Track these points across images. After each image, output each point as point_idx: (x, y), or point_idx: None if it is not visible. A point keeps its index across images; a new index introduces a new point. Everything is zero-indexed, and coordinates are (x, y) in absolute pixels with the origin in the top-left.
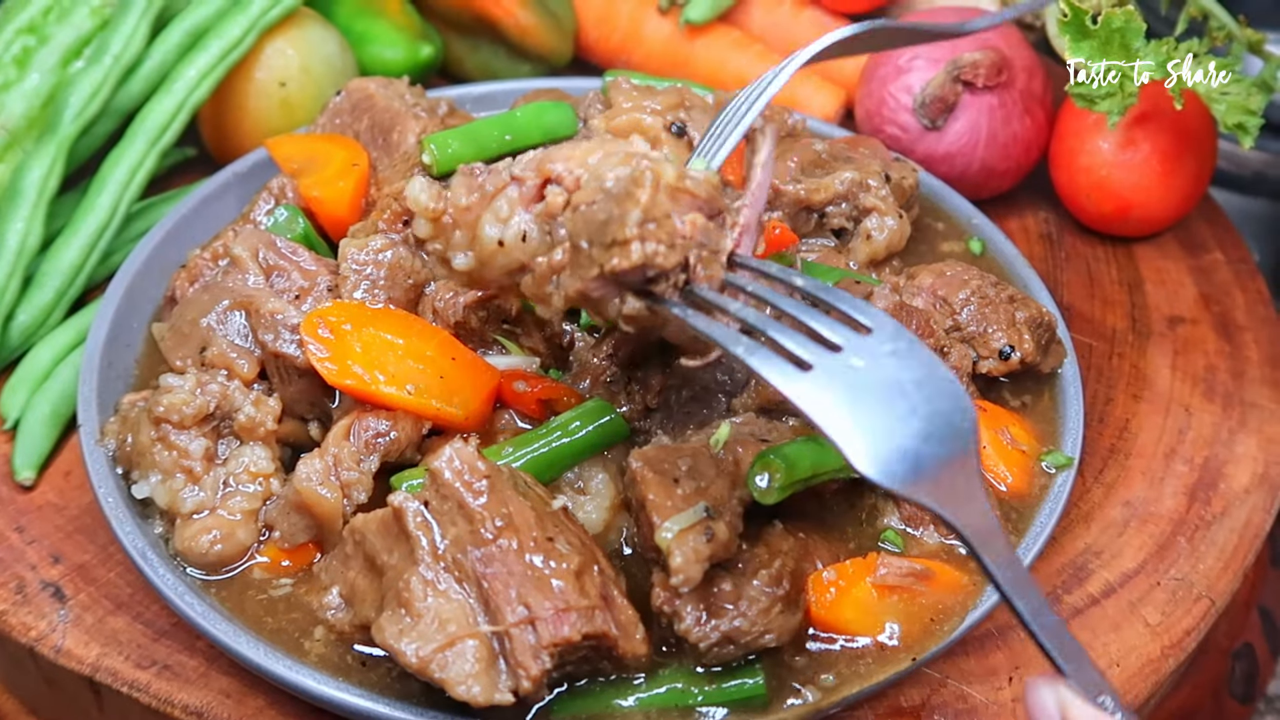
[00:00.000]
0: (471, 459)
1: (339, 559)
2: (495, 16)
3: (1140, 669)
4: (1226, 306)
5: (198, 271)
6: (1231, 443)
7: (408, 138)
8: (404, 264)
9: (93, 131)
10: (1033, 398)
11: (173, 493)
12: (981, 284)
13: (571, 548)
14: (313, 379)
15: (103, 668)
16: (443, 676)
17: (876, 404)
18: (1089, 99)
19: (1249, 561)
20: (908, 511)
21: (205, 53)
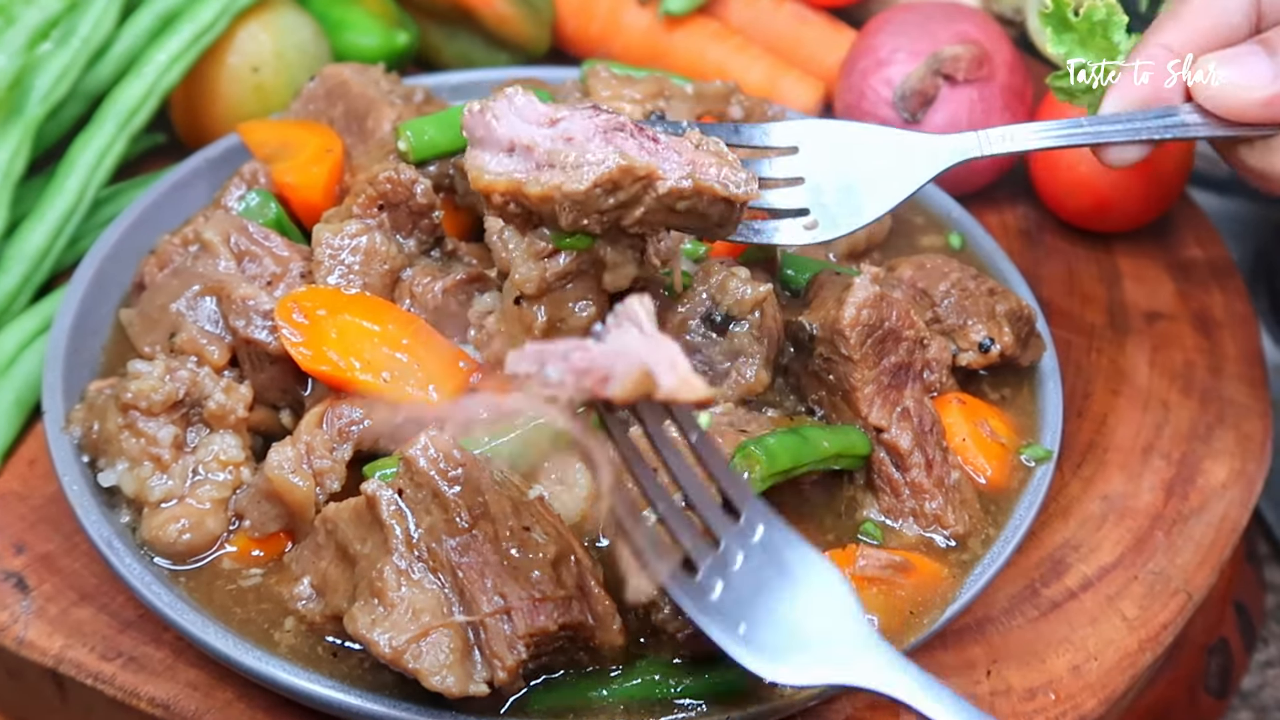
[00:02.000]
0: (447, 447)
1: (310, 549)
2: (473, 5)
3: (1117, 662)
4: (1204, 303)
5: (167, 257)
6: (1209, 438)
7: (383, 124)
8: (379, 250)
9: (60, 115)
10: (1012, 391)
11: (140, 481)
12: (962, 276)
13: (548, 537)
14: (284, 366)
15: (66, 659)
16: (416, 667)
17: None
18: (1069, 92)
19: (1225, 556)
20: (887, 504)
21: (176, 36)
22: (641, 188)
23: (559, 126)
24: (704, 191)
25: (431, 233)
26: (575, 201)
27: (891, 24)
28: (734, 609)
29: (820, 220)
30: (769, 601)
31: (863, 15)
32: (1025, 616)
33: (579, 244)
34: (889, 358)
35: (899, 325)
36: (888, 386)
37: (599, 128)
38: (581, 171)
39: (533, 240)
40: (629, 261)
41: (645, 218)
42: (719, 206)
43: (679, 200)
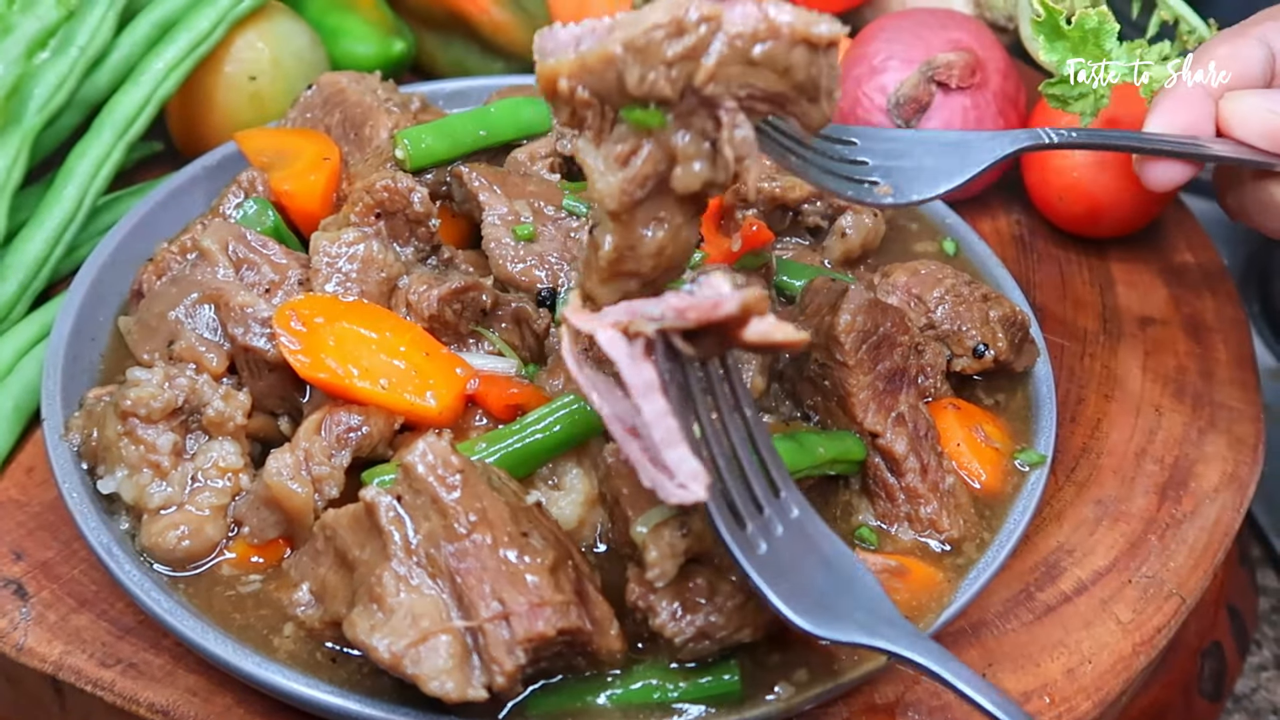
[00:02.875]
0: (445, 453)
1: (309, 555)
2: (468, 13)
3: (1112, 666)
4: (1196, 308)
5: (165, 265)
6: (1201, 442)
7: (380, 132)
8: (376, 258)
9: (58, 123)
10: (1006, 396)
11: (140, 488)
12: (956, 282)
13: (546, 543)
14: (283, 373)
15: (66, 666)
16: (415, 672)
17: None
18: (1062, 100)
19: (1219, 560)
20: (882, 509)
21: (174, 45)
22: (709, 30)
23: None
24: (778, 33)
25: (428, 240)
26: (637, 50)
27: (885, 31)
28: (775, 569)
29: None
30: (805, 572)
31: (857, 22)
32: (1020, 620)
33: (651, 119)
34: (884, 363)
35: (893, 331)
36: (883, 392)
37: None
38: (640, 16)
39: (608, 148)
40: (701, 155)
41: (719, 71)
42: (802, 56)
43: (754, 44)
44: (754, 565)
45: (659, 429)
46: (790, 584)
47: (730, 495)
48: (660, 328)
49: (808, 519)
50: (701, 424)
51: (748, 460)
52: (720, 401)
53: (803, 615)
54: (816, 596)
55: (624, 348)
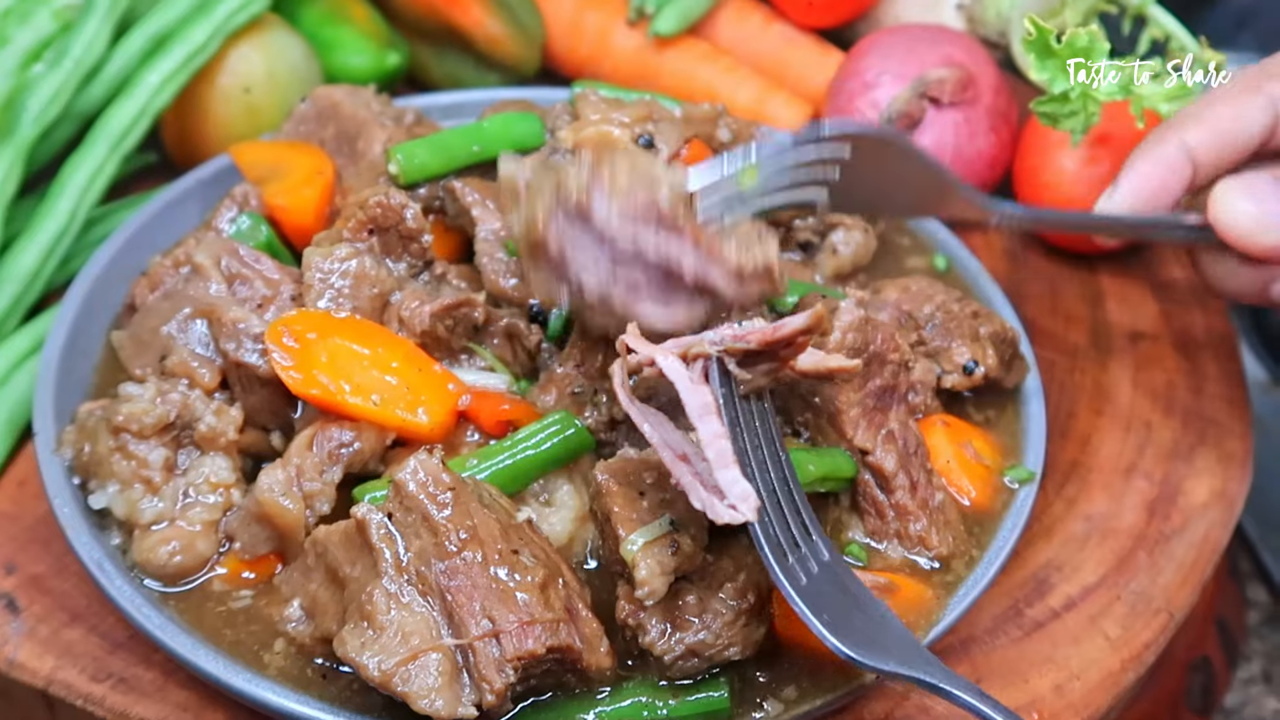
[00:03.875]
0: (436, 471)
1: (300, 571)
2: (463, 26)
3: (1100, 681)
4: (1186, 323)
5: (159, 279)
6: (1191, 458)
7: (374, 146)
8: (369, 273)
9: (53, 135)
10: (996, 412)
11: (131, 503)
12: (946, 299)
13: (536, 560)
14: (275, 388)
15: (57, 680)
16: (405, 690)
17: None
18: (1053, 117)
19: (1207, 575)
20: (871, 525)
21: (168, 57)
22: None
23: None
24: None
25: (421, 256)
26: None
27: (878, 46)
28: (816, 601)
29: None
30: (842, 608)
31: (850, 37)
32: (1009, 636)
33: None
34: (874, 380)
35: (884, 348)
36: (873, 409)
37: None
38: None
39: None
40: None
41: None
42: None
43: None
44: (799, 592)
45: (713, 449)
46: (831, 616)
47: (772, 527)
48: (722, 350)
49: (837, 562)
50: (748, 455)
51: (784, 498)
52: (762, 439)
53: (847, 644)
54: (855, 629)
55: (683, 371)
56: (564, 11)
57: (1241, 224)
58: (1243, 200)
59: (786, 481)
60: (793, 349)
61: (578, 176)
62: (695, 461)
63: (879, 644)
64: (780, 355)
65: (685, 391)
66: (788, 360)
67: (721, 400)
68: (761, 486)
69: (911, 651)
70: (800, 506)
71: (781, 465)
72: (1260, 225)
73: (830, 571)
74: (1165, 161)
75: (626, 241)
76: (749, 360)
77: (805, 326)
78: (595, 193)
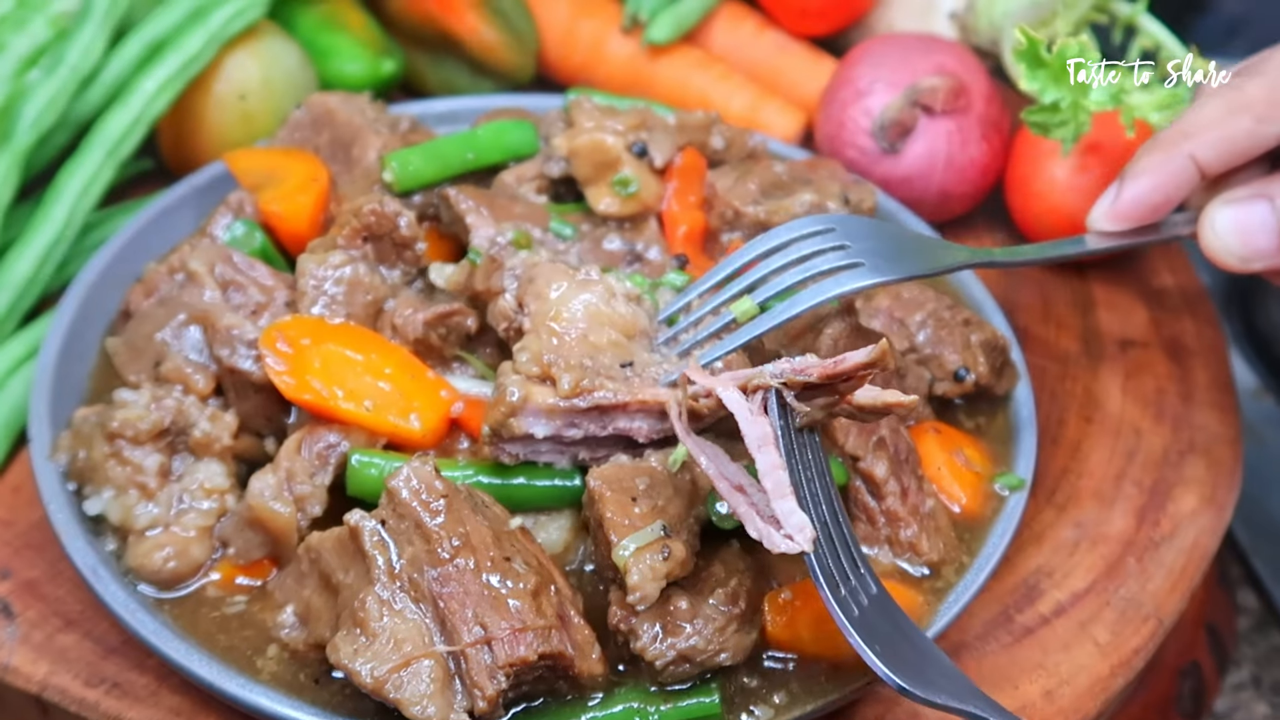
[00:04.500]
0: (429, 478)
1: (294, 577)
2: (458, 33)
3: (1090, 687)
4: (1176, 331)
5: (154, 285)
6: (1180, 465)
7: (368, 153)
8: (363, 280)
9: (49, 142)
10: (987, 419)
11: (126, 509)
12: (937, 307)
13: (529, 567)
14: (269, 394)
15: (51, 685)
16: (398, 697)
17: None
18: (1043, 127)
19: (1196, 582)
20: (863, 531)
21: (164, 64)
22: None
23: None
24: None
25: (414, 264)
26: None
27: (871, 55)
28: (868, 631)
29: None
30: (892, 640)
31: (843, 44)
32: (999, 642)
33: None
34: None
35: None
36: None
37: None
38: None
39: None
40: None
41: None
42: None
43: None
44: (853, 624)
45: (771, 479)
46: (882, 648)
47: (826, 558)
48: (782, 382)
49: (884, 595)
50: (802, 487)
51: (835, 530)
52: (815, 472)
53: (900, 675)
54: (906, 661)
55: (743, 402)
56: (558, 19)
57: (1231, 259)
58: (1233, 236)
59: (837, 515)
60: (852, 383)
61: (501, 404)
62: (751, 492)
63: (928, 676)
64: (839, 389)
65: (745, 422)
66: (846, 394)
67: (779, 432)
68: (814, 518)
69: (960, 684)
70: (849, 539)
71: (832, 499)
72: (1247, 258)
73: (880, 604)
74: (1173, 176)
75: (574, 435)
76: (807, 393)
77: (867, 361)
78: (524, 418)
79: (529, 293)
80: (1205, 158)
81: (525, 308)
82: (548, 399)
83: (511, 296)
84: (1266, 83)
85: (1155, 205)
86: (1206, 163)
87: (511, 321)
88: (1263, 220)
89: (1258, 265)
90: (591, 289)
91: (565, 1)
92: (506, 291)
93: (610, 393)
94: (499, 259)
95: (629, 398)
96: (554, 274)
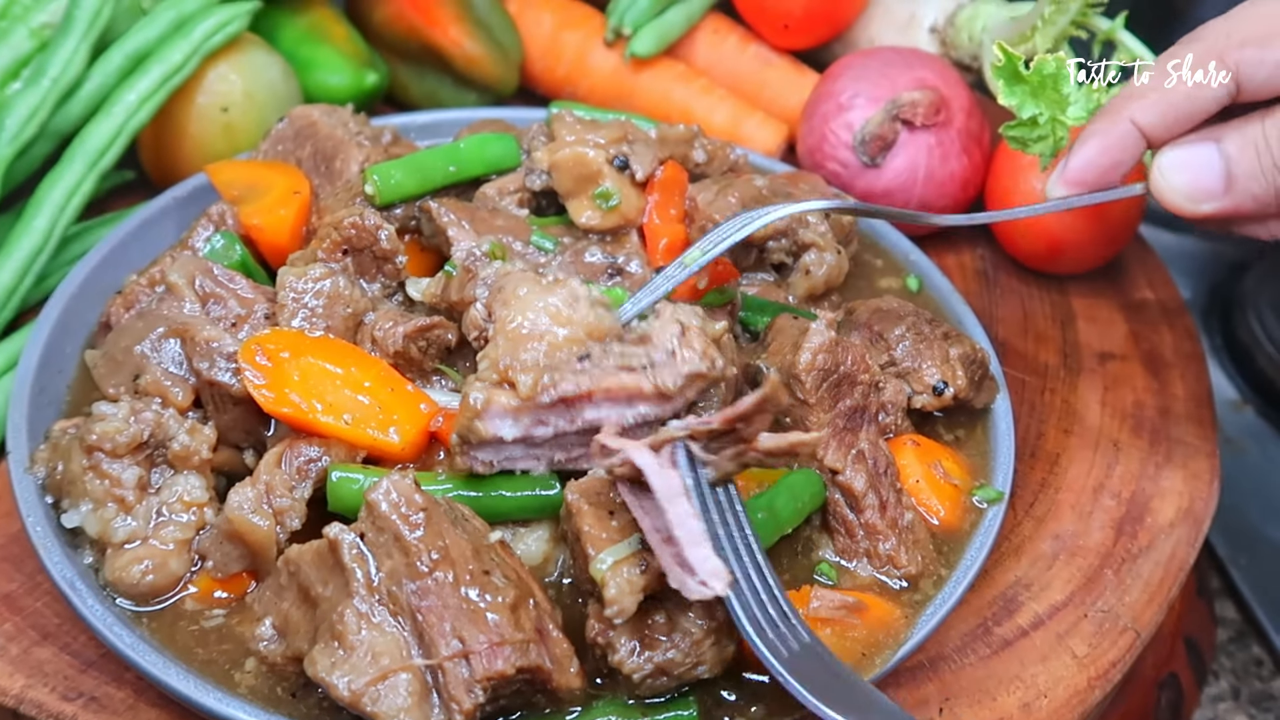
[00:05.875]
0: (409, 491)
1: (273, 590)
2: (441, 46)
3: (1067, 700)
4: (1155, 343)
5: (134, 298)
6: (1158, 477)
7: (350, 166)
8: (343, 294)
9: (30, 153)
10: (966, 432)
11: (104, 522)
12: (917, 320)
13: (508, 581)
14: (248, 407)
15: (27, 699)
16: (375, 710)
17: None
18: (1022, 141)
19: (1173, 594)
20: (841, 544)
21: (146, 76)
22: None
23: None
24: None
25: (394, 277)
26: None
27: (852, 69)
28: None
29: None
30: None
31: (826, 59)
32: (977, 654)
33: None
34: (844, 401)
35: (854, 369)
36: (843, 429)
37: None
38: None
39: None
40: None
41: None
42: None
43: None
44: (783, 665)
45: (683, 529)
46: (816, 686)
47: (751, 605)
48: (687, 434)
49: (817, 644)
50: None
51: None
52: (734, 525)
53: (837, 710)
54: (842, 699)
55: (652, 460)
56: (542, 32)
57: (1178, 198)
58: (1179, 175)
59: (760, 567)
60: (754, 425)
61: (465, 410)
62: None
63: (870, 713)
64: (743, 435)
65: (654, 477)
66: (751, 440)
67: (691, 484)
68: (735, 568)
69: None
70: (777, 591)
71: (754, 551)
72: (1194, 198)
73: (812, 651)
74: (1117, 140)
75: (544, 434)
76: (715, 444)
77: (760, 400)
78: (490, 421)
79: (497, 300)
80: (1146, 120)
81: (494, 315)
82: (511, 401)
83: (482, 305)
84: (1203, 47)
85: (1104, 169)
86: (1148, 125)
87: (482, 330)
88: (1208, 160)
89: (1206, 207)
90: (555, 293)
91: (549, 14)
92: (478, 300)
93: (572, 385)
94: (473, 269)
95: (591, 386)
96: (520, 280)
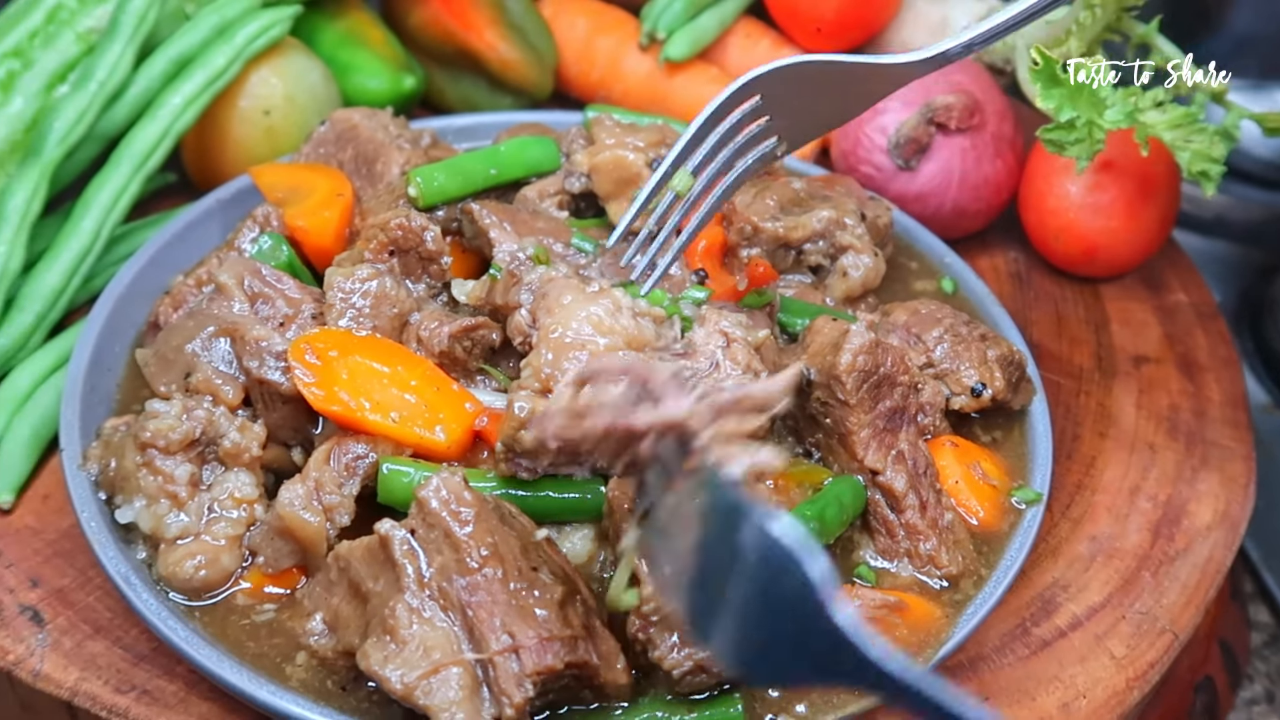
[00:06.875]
0: (458, 489)
1: (323, 585)
2: (477, 50)
3: (1106, 700)
4: (1189, 347)
5: (182, 298)
6: (1194, 480)
7: (392, 169)
8: (389, 294)
9: (76, 156)
10: (1003, 434)
11: (157, 518)
12: (954, 322)
13: (555, 578)
14: (296, 405)
15: (81, 692)
16: (427, 703)
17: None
18: (1059, 144)
19: (1210, 596)
20: (882, 544)
21: (190, 80)
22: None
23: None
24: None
25: (440, 278)
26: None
27: None
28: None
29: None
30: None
31: None
32: (1016, 655)
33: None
34: (884, 402)
35: (894, 371)
36: (883, 430)
37: None
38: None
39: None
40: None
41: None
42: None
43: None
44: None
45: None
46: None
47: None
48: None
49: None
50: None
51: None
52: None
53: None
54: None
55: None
56: (576, 36)
57: None
58: None
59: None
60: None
61: (510, 419)
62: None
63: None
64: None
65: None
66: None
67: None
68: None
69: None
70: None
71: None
72: None
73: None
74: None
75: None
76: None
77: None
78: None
79: (541, 307)
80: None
81: (537, 322)
82: None
83: (526, 311)
84: None
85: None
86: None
87: (526, 336)
88: None
89: None
90: (598, 302)
91: (583, 18)
92: (523, 306)
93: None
94: (518, 274)
95: None
96: (564, 288)
